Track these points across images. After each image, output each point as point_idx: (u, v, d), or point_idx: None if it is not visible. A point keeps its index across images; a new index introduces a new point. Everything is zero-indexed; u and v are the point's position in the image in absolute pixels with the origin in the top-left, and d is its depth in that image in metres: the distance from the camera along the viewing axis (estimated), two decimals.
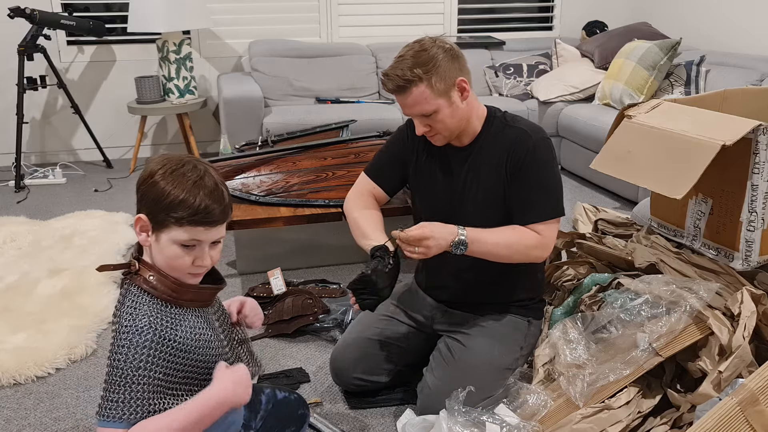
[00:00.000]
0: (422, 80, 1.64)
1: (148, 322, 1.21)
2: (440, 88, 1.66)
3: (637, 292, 1.77)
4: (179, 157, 1.25)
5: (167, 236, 1.22)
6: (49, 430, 1.89)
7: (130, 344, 1.19)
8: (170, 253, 1.23)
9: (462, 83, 1.70)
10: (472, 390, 1.67)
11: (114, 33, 4.54)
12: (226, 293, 2.66)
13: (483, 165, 1.78)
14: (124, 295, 1.26)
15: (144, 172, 1.25)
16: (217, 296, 1.40)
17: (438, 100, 1.67)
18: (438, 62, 1.65)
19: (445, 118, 1.70)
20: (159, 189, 1.20)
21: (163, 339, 1.21)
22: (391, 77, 1.66)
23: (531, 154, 1.72)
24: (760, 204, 1.67)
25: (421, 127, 1.73)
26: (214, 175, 1.25)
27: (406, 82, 1.65)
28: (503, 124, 1.78)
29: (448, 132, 1.74)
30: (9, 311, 2.47)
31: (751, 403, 1.37)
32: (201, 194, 1.21)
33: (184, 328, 1.25)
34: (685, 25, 4.61)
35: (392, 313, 1.98)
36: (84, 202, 3.81)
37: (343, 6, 4.78)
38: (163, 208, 1.20)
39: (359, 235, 1.86)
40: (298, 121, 3.93)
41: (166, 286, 1.25)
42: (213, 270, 1.36)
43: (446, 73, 1.66)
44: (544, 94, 4.31)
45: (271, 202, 2.72)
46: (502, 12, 5.19)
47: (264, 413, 1.57)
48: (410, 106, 1.69)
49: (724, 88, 2.11)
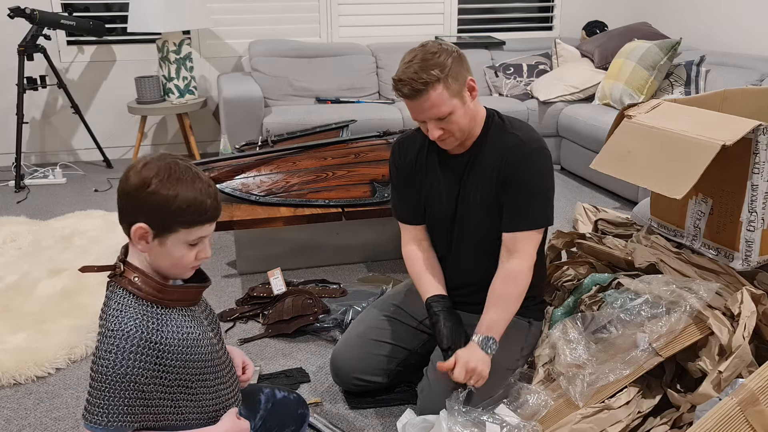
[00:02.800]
0: (439, 81, 1.62)
1: (134, 326, 1.20)
2: (455, 89, 1.65)
3: (637, 292, 1.76)
4: (163, 160, 1.23)
5: (174, 239, 1.23)
6: (49, 430, 1.89)
7: (117, 349, 1.19)
8: (177, 254, 1.25)
9: (471, 82, 1.70)
10: (472, 390, 1.67)
11: (114, 33, 4.54)
12: (227, 293, 2.67)
13: (482, 170, 1.77)
14: (109, 297, 1.25)
15: (133, 181, 1.21)
16: (203, 296, 1.40)
17: (453, 100, 1.65)
18: (450, 63, 1.64)
19: (459, 119, 1.68)
20: (161, 196, 1.19)
21: (150, 343, 1.21)
22: (407, 81, 1.62)
23: (526, 161, 1.71)
24: (760, 204, 1.67)
25: (435, 131, 1.68)
26: (199, 171, 1.26)
27: (423, 84, 1.61)
28: (501, 129, 1.77)
29: (461, 133, 1.71)
30: (9, 311, 2.47)
31: (751, 403, 1.37)
32: (203, 194, 1.23)
33: (171, 329, 1.25)
34: (685, 25, 4.61)
35: (393, 313, 1.98)
36: (84, 202, 3.81)
37: (343, 6, 4.78)
38: (170, 214, 1.20)
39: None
40: (298, 121, 3.93)
41: (150, 287, 1.25)
42: (198, 269, 1.37)
43: (458, 73, 1.66)
44: (544, 94, 4.31)
45: (271, 202, 2.72)
46: (502, 12, 5.19)
47: (263, 412, 1.57)
48: (426, 110, 1.65)
49: (724, 88, 2.10)
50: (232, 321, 2.45)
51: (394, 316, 1.98)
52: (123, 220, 1.24)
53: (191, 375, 1.28)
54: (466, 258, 1.86)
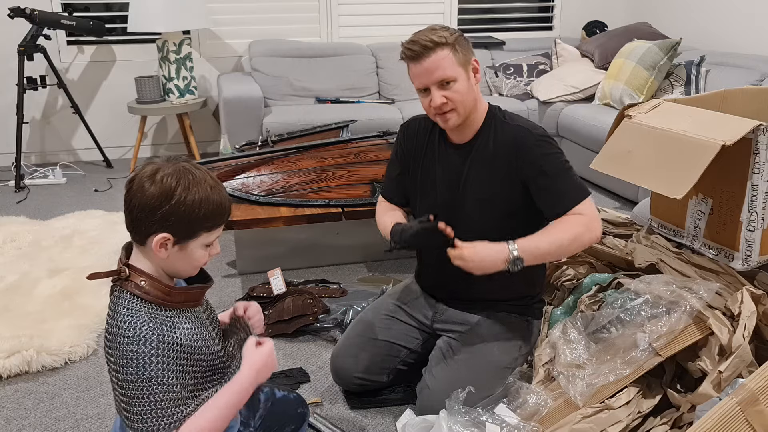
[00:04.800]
0: (448, 44, 1.67)
1: (149, 329, 1.19)
2: (461, 59, 1.69)
3: (637, 292, 1.76)
4: (174, 165, 1.21)
5: (195, 243, 1.24)
6: (49, 430, 1.89)
7: (137, 355, 1.17)
8: (197, 257, 1.26)
9: (476, 63, 1.75)
10: (472, 390, 1.67)
11: (114, 33, 4.54)
12: (227, 293, 2.67)
13: (484, 162, 1.77)
14: (116, 303, 1.23)
15: (152, 192, 1.17)
16: (205, 296, 1.40)
17: (458, 68, 1.69)
18: (457, 36, 1.71)
19: (462, 90, 1.70)
20: (189, 204, 1.19)
21: (168, 344, 1.20)
22: (415, 41, 1.68)
23: (538, 149, 1.71)
24: (760, 204, 1.67)
25: (438, 98, 1.70)
26: (210, 172, 1.26)
27: (433, 43, 1.66)
28: (502, 122, 1.79)
29: (463, 108, 1.72)
30: (9, 311, 2.47)
31: (751, 403, 1.37)
32: (223, 197, 1.25)
33: (182, 330, 1.25)
34: (685, 25, 4.61)
35: (392, 312, 1.98)
36: (84, 202, 3.81)
37: (343, 6, 4.78)
38: (198, 220, 1.21)
39: (386, 221, 1.90)
40: (298, 121, 3.93)
41: (158, 290, 1.23)
42: (201, 269, 1.36)
43: (465, 48, 1.72)
44: (544, 94, 4.31)
45: (271, 202, 2.72)
46: (502, 12, 5.20)
47: (263, 411, 1.57)
48: (432, 72, 1.68)
49: (724, 88, 2.10)
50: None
51: (394, 315, 1.98)
52: (139, 232, 1.21)
53: (200, 373, 1.28)
54: None
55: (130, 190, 1.21)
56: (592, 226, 1.66)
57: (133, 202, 1.20)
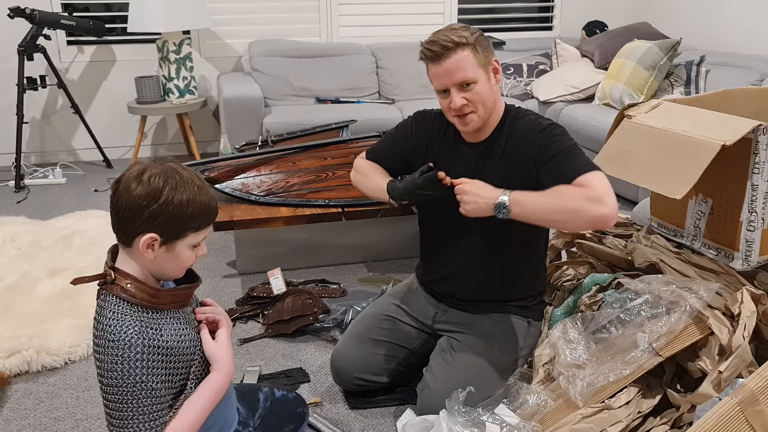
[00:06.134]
0: (468, 44, 1.65)
1: (134, 333, 1.18)
2: (481, 60, 1.68)
3: (637, 292, 1.76)
4: (161, 166, 1.21)
5: (182, 244, 1.23)
6: (49, 430, 1.89)
7: (122, 360, 1.16)
8: (184, 257, 1.25)
9: (496, 63, 1.73)
10: (472, 390, 1.67)
11: (114, 33, 4.54)
12: (227, 293, 2.67)
13: (497, 160, 1.76)
14: (102, 307, 1.22)
15: (138, 192, 1.17)
16: (195, 294, 1.39)
17: (479, 69, 1.67)
18: (478, 36, 1.68)
19: (483, 92, 1.69)
20: (176, 204, 1.19)
21: (153, 347, 1.19)
22: (436, 41, 1.66)
23: (545, 135, 1.69)
24: (760, 204, 1.67)
25: (458, 99, 1.68)
26: (197, 173, 1.26)
27: (453, 44, 1.64)
28: (515, 117, 1.78)
29: (483, 110, 1.71)
30: (9, 311, 2.47)
31: (751, 403, 1.37)
32: (210, 197, 1.24)
33: (168, 332, 1.23)
34: (685, 25, 4.61)
35: (393, 312, 1.98)
36: (84, 202, 3.81)
37: (343, 6, 4.78)
38: (185, 220, 1.20)
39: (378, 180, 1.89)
40: (298, 121, 3.93)
41: (144, 293, 1.22)
42: (189, 269, 1.36)
43: (486, 49, 1.70)
44: (544, 94, 4.31)
45: (271, 202, 2.72)
46: (502, 12, 5.19)
47: (262, 411, 1.57)
48: (453, 73, 1.66)
49: (724, 88, 2.10)
50: (232, 321, 2.45)
51: (394, 315, 1.97)
52: (126, 233, 1.21)
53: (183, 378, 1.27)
54: (474, 254, 1.84)
55: (116, 190, 1.20)
56: (595, 196, 1.51)
57: (119, 202, 1.19)
